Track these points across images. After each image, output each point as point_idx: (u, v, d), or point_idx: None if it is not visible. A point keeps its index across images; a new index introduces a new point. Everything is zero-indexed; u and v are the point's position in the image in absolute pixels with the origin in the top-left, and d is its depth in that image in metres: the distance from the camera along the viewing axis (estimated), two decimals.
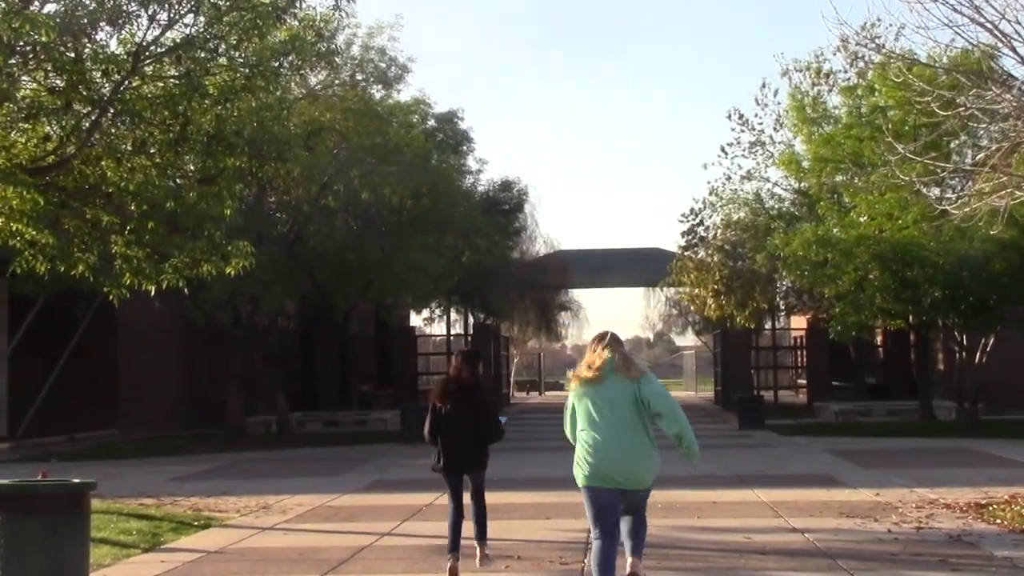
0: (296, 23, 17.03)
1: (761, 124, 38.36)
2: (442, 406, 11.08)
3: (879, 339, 46.79)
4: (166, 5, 14.91)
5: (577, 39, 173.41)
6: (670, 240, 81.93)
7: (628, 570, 9.23)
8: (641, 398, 8.60)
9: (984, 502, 15.43)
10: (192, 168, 16.72)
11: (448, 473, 11.23)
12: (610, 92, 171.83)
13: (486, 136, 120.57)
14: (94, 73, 14.69)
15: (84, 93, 14.62)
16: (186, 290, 17.81)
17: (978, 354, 32.02)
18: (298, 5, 16.59)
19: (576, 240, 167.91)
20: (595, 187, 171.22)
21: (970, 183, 21.98)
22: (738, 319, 39.81)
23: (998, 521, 13.84)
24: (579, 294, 69.40)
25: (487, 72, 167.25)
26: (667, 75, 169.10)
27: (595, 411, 8.64)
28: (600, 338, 8.92)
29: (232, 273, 16.28)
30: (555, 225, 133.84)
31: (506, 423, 11.71)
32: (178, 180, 16.76)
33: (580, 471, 8.68)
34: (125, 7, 14.81)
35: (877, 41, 20.66)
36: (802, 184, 37.32)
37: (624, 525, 9.12)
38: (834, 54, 34.01)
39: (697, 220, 41.42)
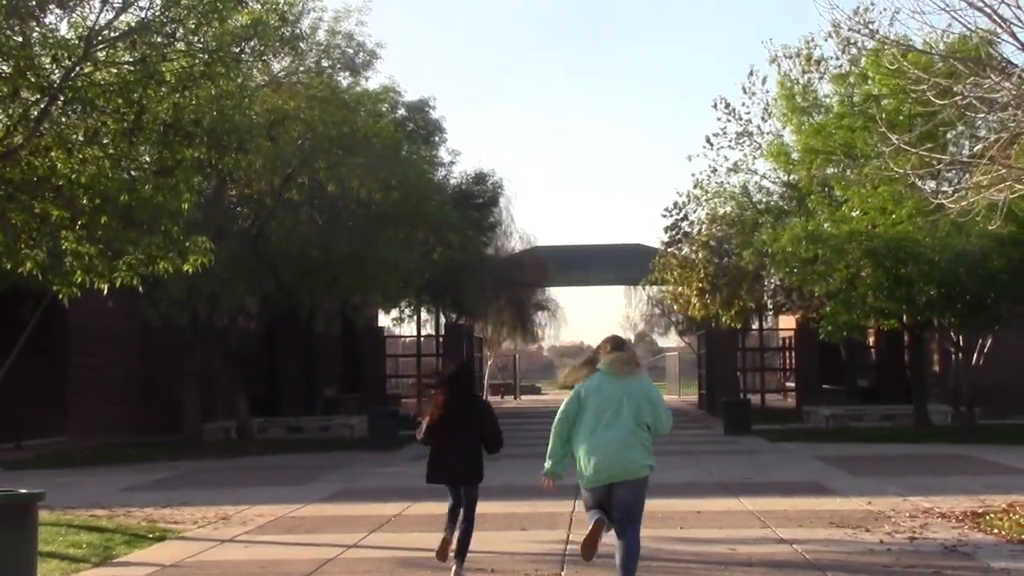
0: (258, 6, 16.97)
1: (748, 113, 38.42)
2: (441, 417, 11.62)
3: (871, 340, 46.94)
4: None
5: (552, 24, 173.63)
6: (652, 236, 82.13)
7: None
8: (647, 398, 9.63)
9: (981, 511, 15.52)
10: (147, 159, 16.63)
11: (444, 483, 11.75)
12: (590, 82, 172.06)
13: (459, 127, 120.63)
14: (43, 59, 14.59)
15: (32, 80, 14.52)
16: (141, 288, 17.68)
17: (975, 355, 32.16)
18: None
19: (554, 236, 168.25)
20: (573, 180, 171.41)
21: (967, 176, 22.12)
22: (724, 319, 39.87)
23: (995, 531, 13.92)
24: (557, 293, 69.32)
25: (457, 60, 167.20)
26: (649, 63, 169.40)
27: (594, 413, 9.62)
28: (607, 342, 10.07)
29: (190, 270, 16.20)
30: (532, 220, 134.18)
31: None
32: (132, 172, 16.65)
33: (583, 473, 9.61)
34: None
35: (870, 26, 20.75)
36: (791, 177, 37.39)
37: (617, 553, 9.51)
38: (825, 40, 34.14)
39: (681, 215, 41.45)
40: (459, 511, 11.65)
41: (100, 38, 14.97)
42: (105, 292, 16.84)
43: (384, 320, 52.40)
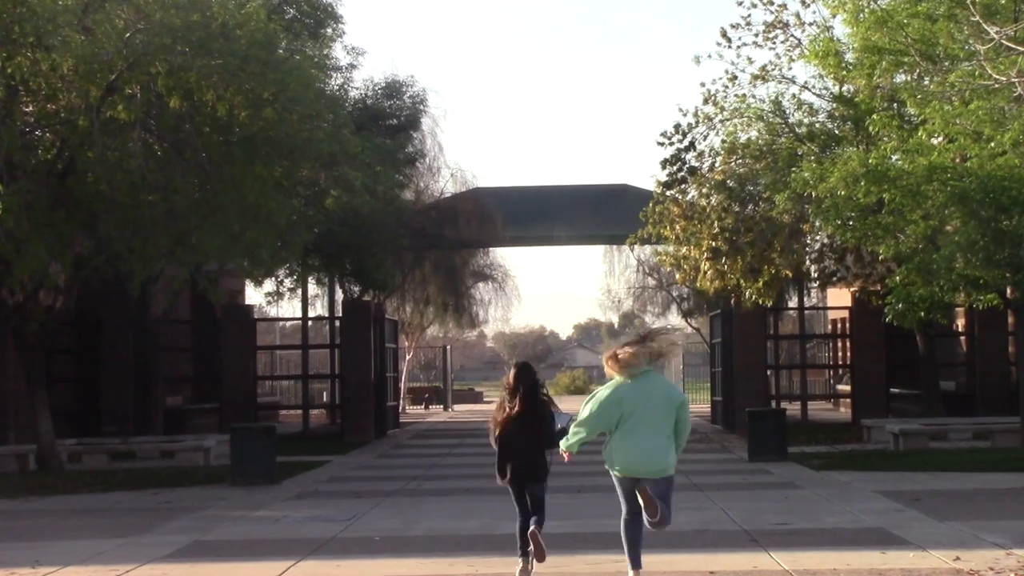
0: None
1: None
2: (506, 418, 16.42)
3: (961, 323, 47.21)
4: None
5: None
6: (644, 173, 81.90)
7: None
8: (671, 402, 14.98)
9: None
10: None
11: (510, 483, 16.42)
12: None
13: (362, 15, 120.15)
14: None
15: None
16: None
17: None
18: None
19: (502, 174, 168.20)
20: (530, 94, 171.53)
21: None
22: (747, 293, 39.97)
23: None
24: (506, 255, 69.37)
25: None
26: None
27: (627, 411, 14.85)
28: (639, 339, 15.18)
29: None
30: (469, 152, 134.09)
31: (570, 423, 16.29)
32: None
33: (614, 463, 14.99)
34: None
35: None
36: (845, 88, 37.46)
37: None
38: None
39: (685, 142, 41.42)
40: (529, 524, 16.04)
41: None
42: None
43: (254, 296, 52.24)
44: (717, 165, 40.44)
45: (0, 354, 34.65)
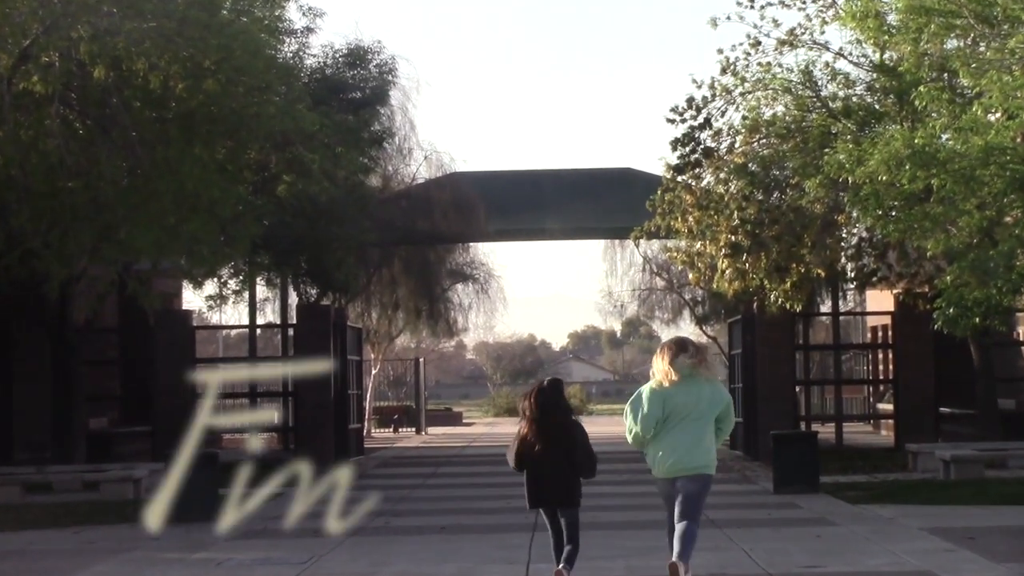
0: None
1: None
2: (531, 436, 18.01)
3: (1022, 331, 47.18)
4: None
5: None
6: (651, 155, 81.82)
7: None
8: (720, 404, 17.49)
9: None
10: None
11: (540, 508, 18.19)
12: None
13: None
14: None
15: None
16: None
17: None
18: None
19: (485, 156, 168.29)
20: (519, 64, 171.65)
21: None
22: (772, 296, 39.98)
23: None
24: (489, 251, 69.28)
25: None
26: None
27: (669, 413, 17.29)
28: (678, 345, 17.70)
29: None
30: (447, 130, 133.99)
31: None
32: None
33: (657, 468, 17.46)
34: None
35: None
36: (887, 55, 37.47)
37: (678, 526, 17.13)
38: None
39: (700, 119, 41.41)
40: (563, 543, 17.93)
41: None
42: None
43: (193, 300, 52.18)
44: (737, 146, 40.47)
45: None
